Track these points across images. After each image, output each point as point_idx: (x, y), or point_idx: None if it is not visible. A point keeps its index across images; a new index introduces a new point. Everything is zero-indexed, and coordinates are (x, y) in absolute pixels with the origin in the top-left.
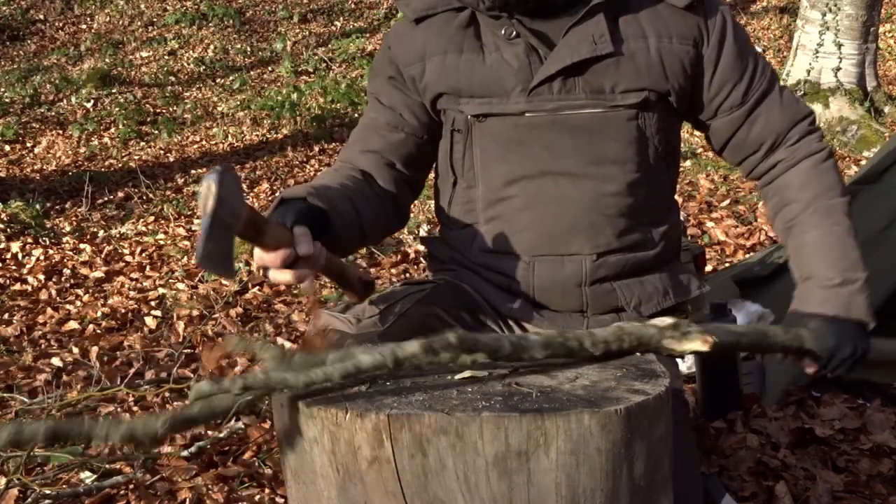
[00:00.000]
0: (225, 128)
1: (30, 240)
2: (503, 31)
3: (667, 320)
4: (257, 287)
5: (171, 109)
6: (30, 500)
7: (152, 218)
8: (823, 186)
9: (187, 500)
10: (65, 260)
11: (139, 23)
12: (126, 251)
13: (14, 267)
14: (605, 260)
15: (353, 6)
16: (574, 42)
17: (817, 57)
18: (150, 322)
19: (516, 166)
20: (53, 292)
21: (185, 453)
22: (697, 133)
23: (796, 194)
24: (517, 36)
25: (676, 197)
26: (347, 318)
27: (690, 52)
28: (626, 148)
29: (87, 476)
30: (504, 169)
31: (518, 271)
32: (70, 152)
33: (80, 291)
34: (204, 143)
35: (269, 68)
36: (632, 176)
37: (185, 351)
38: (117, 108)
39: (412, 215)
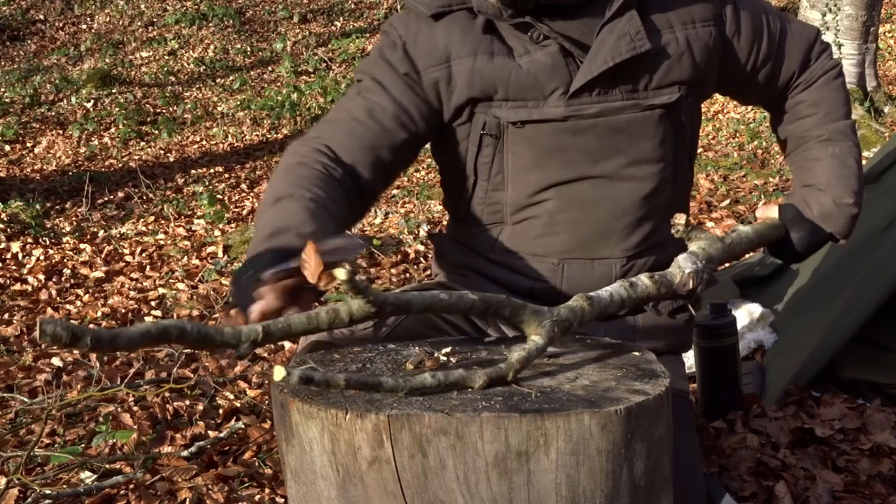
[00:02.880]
0: (225, 128)
1: (30, 240)
2: (529, 35)
3: (686, 269)
4: None
5: (171, 109)
6: (30, 500)
7: (152, 218)
8: (836, 103)
9: (187, 500)
10: (65, 260)
11: (139, 23)
12: (126, 251)
13: (14, 267)
14: (634, 263)
15: (353, 6)
16: (612, 41)
17: None
18: (150, 322)
19: (553, 173)
20: (53, 292)
21: (185, 453)
22: None
23: (809, 110)
24: (546, 38)
25: None
26: (340, 329)
27: (713, 31)
28: (661, 146)
29: (87, 476)
30: (538, 175)
31: (545, 273)
32: (70, 152)
33: (80, 291)
34: (204, 143)
35: (269, 68)
36: (664, 174)
37: (185, 351)
38: (117, 108)
39: (412, 215)
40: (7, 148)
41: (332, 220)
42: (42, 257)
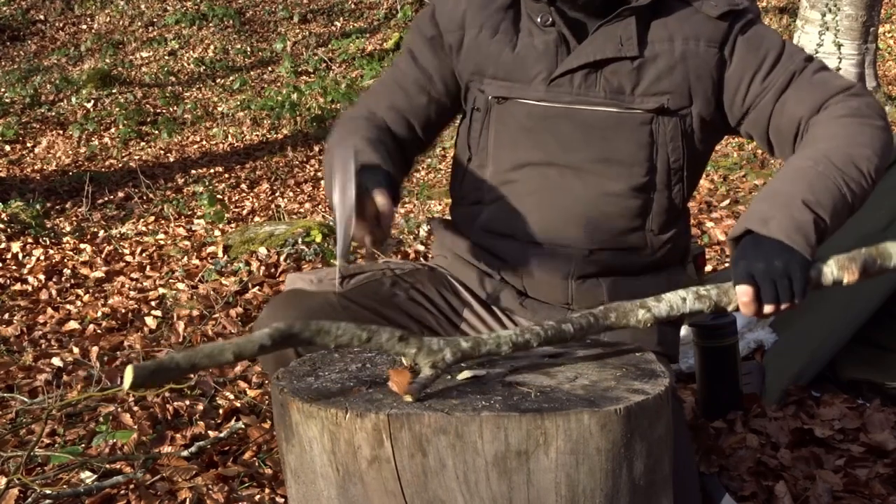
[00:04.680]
0: (225, 128)
1: (30, 240)
2: (539, 18)
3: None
4: (257, 287)
5: (171, 109)
6: (30, 500)
7: (152, 218)
8: (840, 134)
9: (187, 500)
10: (65, 260)
11: (139, 23)
12: (126, 251)
13: (14, 267)
14: (597, 257)
15: (353, 6)
16: (601, 40)
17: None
18: (150, 322)
19: (525, 152)
20: (53, 292)
21: (185, 453)
22: None
23: (805, 142)
24: (552, 24)
25: None
26: (310, 277)
27: (717, 54)
28: (637, 151)
29: (87, 476)
30: (514, 153)
31: (511, 255)
32: (70, 152)
33: (80, 291)
34: (204, 143)
35: (269, 68)
36: (638, 180)
37: None
38: (117, 109)
39: (412, 216)
40: (7, 148)
41: (387, 151)
42: (42, 257)
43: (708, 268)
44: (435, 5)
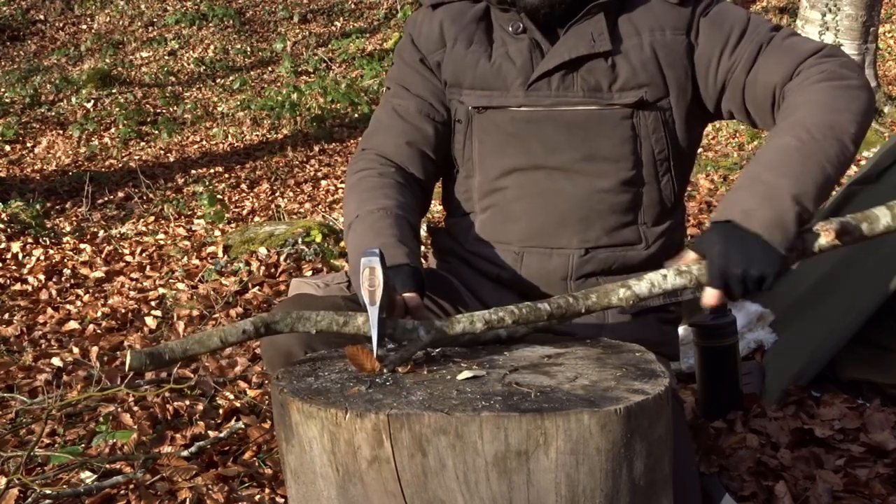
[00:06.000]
0: (225, 128)
1: (30, 240)
2: (511, 27)
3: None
4: (257, 287)
5: (171, 109)
6: (30, 500)
7: (152, 218)
8: (818, 102)
9: (187, 500)
10: (65, 260)
11: (139, 23)
12: (126, 251)
13: (14, 267)
14: (593, 255)
15: (353, 6)
16: (573, 39)
17: None
18: (150, 322)
19: (511, 158)
20: (53, 292)
21: (185, 453)
22: None
23: (785, 112)
24: (523, 31)
25: None
26: (316, 282)
27: (685, 41)
28: (621, 146)
29: (87, 476)
30: (500, 160)
31: (507, 261)
32: (70, 152)
33: (80, 291)
34: (204, 143)
35: (269, 68)
36: (625, 174)
37: None
38: (117, 109)
39: None
40: (7, 148)
41: (410, 226)
42: (42, 257)
43: None
44: (411, 33)
